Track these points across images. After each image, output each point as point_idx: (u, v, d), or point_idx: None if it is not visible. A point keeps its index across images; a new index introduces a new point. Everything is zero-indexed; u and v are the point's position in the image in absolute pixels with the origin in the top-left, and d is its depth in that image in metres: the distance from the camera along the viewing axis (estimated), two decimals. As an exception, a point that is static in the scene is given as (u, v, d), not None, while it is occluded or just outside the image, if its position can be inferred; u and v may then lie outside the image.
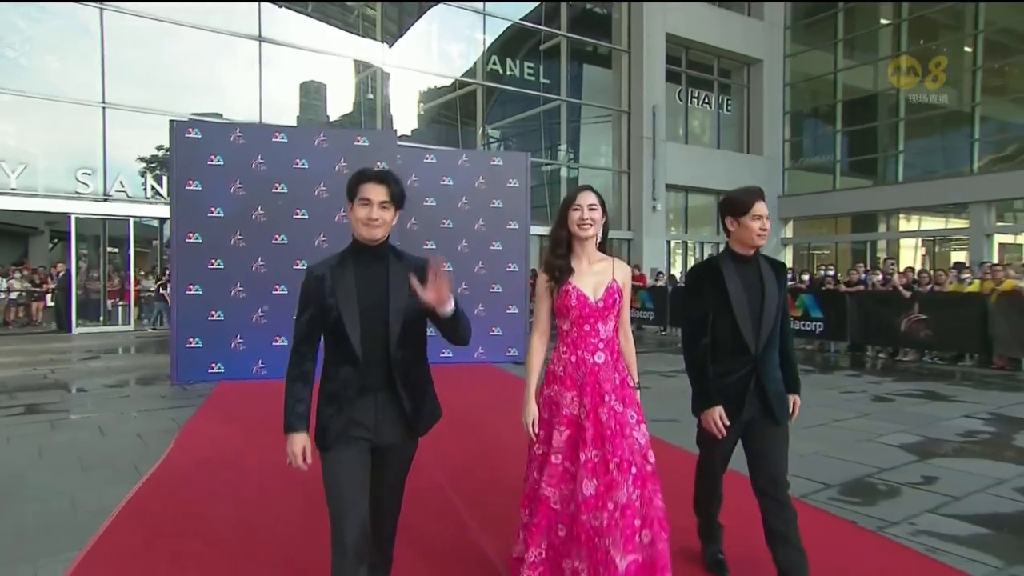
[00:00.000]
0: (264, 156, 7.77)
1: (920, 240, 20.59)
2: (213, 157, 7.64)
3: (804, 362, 9.66)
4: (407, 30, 18.04)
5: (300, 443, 2.06)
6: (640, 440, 2.31)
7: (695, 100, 21.74)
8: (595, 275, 2.40)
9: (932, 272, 10.73)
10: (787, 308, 2.67)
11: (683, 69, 21.04)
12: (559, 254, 2.43)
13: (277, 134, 7.96)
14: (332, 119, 17.51)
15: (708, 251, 21.82)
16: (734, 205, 2.58)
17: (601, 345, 2.36)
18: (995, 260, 15.18)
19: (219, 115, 14.93)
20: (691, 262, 21.37)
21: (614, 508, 2.16)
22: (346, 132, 9.95)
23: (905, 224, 20.47)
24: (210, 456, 4.62)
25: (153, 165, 14.72)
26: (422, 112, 19.09)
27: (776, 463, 2.53)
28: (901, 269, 12.09)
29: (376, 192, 2.08)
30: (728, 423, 2.52)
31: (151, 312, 14.49)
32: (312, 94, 17.27)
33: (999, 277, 9.52)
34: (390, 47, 17.40)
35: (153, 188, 14.26)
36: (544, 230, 19.11)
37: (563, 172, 19.78)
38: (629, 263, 19.00)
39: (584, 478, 2.22)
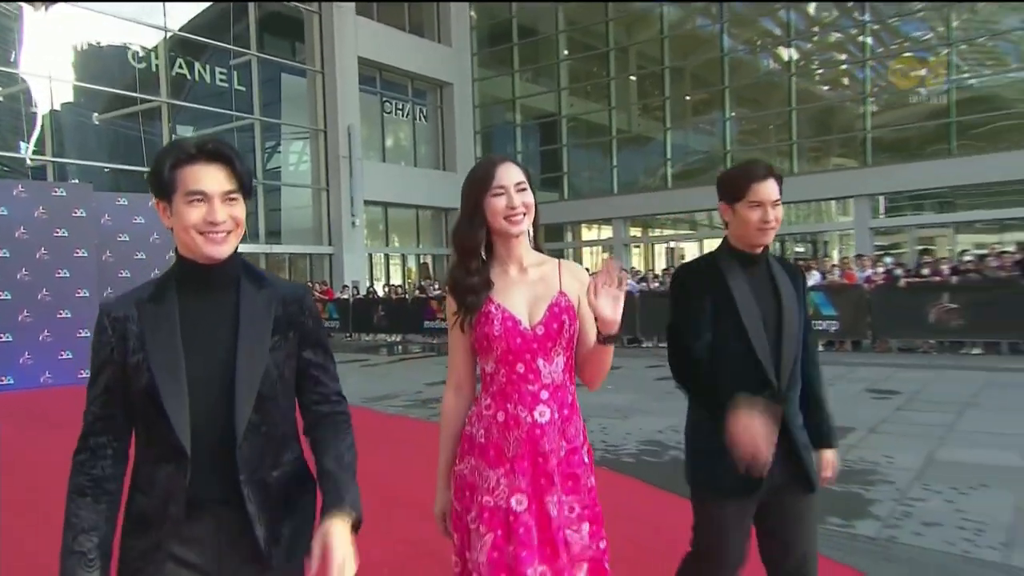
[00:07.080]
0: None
1: (602, 247, 28.19)
2: None
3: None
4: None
5: None
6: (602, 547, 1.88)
7: (392, 118, 27.17)
8: (530, 286, 1.90)
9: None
10: (809, 327, 2.31)
11: (379, 90, 26.27)
12: (472, 268, 1.88)
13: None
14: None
15: (410, 263, 27.38)
16: (726, 186, 2.22)
17: (544, 394, 1.84)
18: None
19: None
20: (395, 274, 26.61)
21: None
22: (44, 184, 13.17)
23: (587, 233, 28.13)
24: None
25: None
26: (96, 123, 21.07)
27: (809, 539, 2.24)
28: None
29: (214, 178, 1.48)
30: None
31: None
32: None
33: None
34: (46, 11, 18.53)
35: None
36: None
37: (259, 189, 23.44)
38: (331, 277, 23.83)
39: None
